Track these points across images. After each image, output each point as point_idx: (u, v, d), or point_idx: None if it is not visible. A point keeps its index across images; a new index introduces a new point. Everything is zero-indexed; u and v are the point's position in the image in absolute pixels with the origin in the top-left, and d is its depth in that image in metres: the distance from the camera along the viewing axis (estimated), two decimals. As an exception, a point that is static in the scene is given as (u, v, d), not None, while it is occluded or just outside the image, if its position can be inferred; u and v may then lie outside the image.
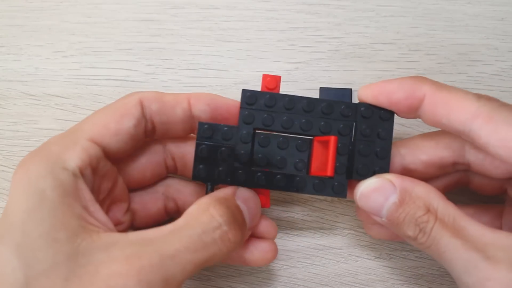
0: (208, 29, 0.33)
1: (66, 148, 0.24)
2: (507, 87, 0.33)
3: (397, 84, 0.25)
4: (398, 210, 0.25)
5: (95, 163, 0.24)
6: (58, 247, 0.21)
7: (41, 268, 0.21)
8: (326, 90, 0.31)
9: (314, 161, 0.27)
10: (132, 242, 0.22)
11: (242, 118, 0.26)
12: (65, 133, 0.25)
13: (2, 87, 0.33)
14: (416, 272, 0.32)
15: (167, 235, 0.23)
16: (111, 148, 0.25)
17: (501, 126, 0.23)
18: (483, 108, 0.23)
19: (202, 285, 0.32)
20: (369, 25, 0.33)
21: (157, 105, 0.26)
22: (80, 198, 0.23)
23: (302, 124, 0.27)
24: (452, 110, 0.24)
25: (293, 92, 0.32)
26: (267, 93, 0.26)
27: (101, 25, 0.33)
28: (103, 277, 0.21)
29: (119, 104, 0.26)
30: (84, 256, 0.21)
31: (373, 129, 0.27)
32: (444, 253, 0.23)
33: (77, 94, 0.33)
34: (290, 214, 0.32)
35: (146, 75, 0.33)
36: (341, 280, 0.32)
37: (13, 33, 0.33)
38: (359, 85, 0.32)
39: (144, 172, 0.28)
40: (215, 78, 0.33)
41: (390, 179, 0.25)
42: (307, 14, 0.33)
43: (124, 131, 0.25)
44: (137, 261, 0.21)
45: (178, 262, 0.22)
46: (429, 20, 0.33)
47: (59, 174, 0.23)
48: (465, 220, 0.23)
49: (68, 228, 0.22)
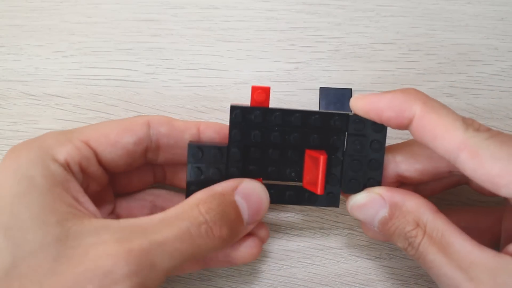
0: (208, 29, 0.33)
1: (59, 143, 0.24)
2: (507, 87, 0.33)
3: (387, 102, 0.25)
4: (388, 223, 0.25)
5: (85, 163, 0.25)
6: (48, 229, 0.22)
7: (29, 249, 0.21)
8: (326, 90, 0.31)
9: (306, 173, 0.27)
10: (122, 227, 0.23)
11: (232, 136, 0.26)
12: (63, 131, 0.26)
13: (2, 87, 0.33)
14: (416, 272, 0.32)
15: (157, 223, 0.23)
16: (105, 157, 0.26)
17: (487, 162, 0.22)
18: (469, 141, 0.23)
19: (202, 285, 0.32)
20: (369, 25, 0.33)
21: (166, 128, 0.27)
22: (69, 189, 0.24)
23: (294, 138, 0.26)
24: (437, 137, 0.23)
25: (293, 92, 0.33)
26: (257, 108, 0.26)
27: (101, 25, 0.33)
28: (92, 258, 0.21)
29: (126, 120, 0.27)
30: (74, 239, 0.22)
31: (366, 141, 0.26)
32: (431, 268, 0.24)
33: (77, 94, 0.33)
34: (290, 214, 0.32)
35: (146, 75, 0.33)
36: (341, 280, 0.32)
37: (13, 33, 0.33)
38: (359, 85, 0.32)
39: (130, 177, 0.28)
40: (215, 78, 0.33)
41: (380, 193, 0.26)
42: (307, 14, 0.33)
43: (122, 145, 0.26)
44: (127, 244, 0.22)
45: (166, 249, 0.22)
46: (429, 20, 0.33)
47: (49, 164, 0.23)
48: (453, 236, 0.23)
49: (58, 213, 0.22)
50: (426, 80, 0.33)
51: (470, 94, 0.33)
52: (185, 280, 0.32)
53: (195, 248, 0.23)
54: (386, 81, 0.33)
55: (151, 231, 0.23)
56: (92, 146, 0.25)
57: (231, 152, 0.26)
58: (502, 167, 0.22)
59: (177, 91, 0.33)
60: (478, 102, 0.33)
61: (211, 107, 0.32)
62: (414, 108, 0.24)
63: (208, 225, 0.24)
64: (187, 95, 0.33)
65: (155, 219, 0.23)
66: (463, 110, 0.32)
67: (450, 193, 0.31)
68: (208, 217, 0.24)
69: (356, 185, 0.27)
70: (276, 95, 0.32)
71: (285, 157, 0.27)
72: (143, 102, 0.32)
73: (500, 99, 0.33)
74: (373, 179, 0.27)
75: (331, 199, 0.27)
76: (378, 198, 0.26)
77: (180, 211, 0.24)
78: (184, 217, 0.23)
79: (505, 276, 0.22)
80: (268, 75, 0.33)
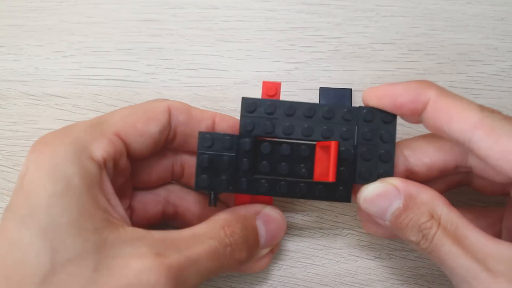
0: (208, 29, 0.33)
1: (94, 138, 0.23)
2: (507, 87, 0.33)
3: (403, 87, 0.25)
4: (402, 215, 0.25)
5: (118, 157, 0.24)
6: (87, 236, 0.21)
7: (69, 256, 0.21)
8: (326, 90, 0.31)
9: (317, 166, 0.27)
10: (157, 240, 0.23)
11: (242, 126, 0.26)
12: (92, 121, 0.25)
13: (2, 87, 0.33)
14: (416, 272, 0.32)
15: (188, 239, 0.23)
16: (133, 147, 0.25)
17: (502, 138, 0.22)
18: (485, 120, 0.23)
19: (202, 285, 0.32)
20: (369, 25, 0.33)
21: (184, 116, 0.27)
22: (104, 191, 0.23)
23: (303, 130, 0.26)
24: (454, 118, 0.24)
25: (293, 92, 0.33)
26: (267, 100, 0.26)
27: (101, 25, 0.33)
28: (133, 271, 0.21)
29: (148, 107, 0.26)
30: (112, 249, 0.21)
31: (376, 132, 0.26)
32: (445, 260, 0.23)
33: (77, 94, 0.33)
34: (290, 214, 0.32)
35: (146, 75, 0.33)
36: (341, 280, 0.32)
37: (13, 33, 0.33)
38: (359, 85, 0.32)
39: (150, 173, 0.28)
40: (215, 78, 0.33)
41: (395, 184, 0.25)
42: (307, 14, 0.33)
43: (149, 134, 0.25)
44: (166, 260, 0.22)
45: (198, 266, 0.23)
46: (429, 20, 0.33)
47: (87, 163, 0.22)
48: (467, 229, 0.23)
49: (95, 219, 0.22)
50: (426, 80, 0.33)
51: (470, 94, 0.33)
52: (185, 280, 0.32)
53: (219, 267, 0.24)
54: (386, 81, 0.33)
55: (184, 247, 0.23)
56: (123, 138, 0.25)
57: (241, 142, 0.26)
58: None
59: (177, 91, 0.33)
60: (478, 102, 0.32)
61: (211, 107, 0.32)
62: (429, 93, 0.24)
63: (232, 248, 0.24)
64: (187, 95, 0.33)
65: (185, 234, 0.24)
66: (463, 110, 0.32)
67: (450, 193, 0.31)
68: (232, 240, 0.25)
69: (367, 177, 0.26)
70: (276, 95, 0.32)
71: (296, 153, 0.27)
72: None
73: (500, 99, 0.33)
74: (384, 171, 0.26)
75: (343, 193, 0.27)
76: (393, 189, 0.25)
77: (208, 229, 0.24)
78: (213, 236, 0.24)
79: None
80: (268, 75, 0.33)
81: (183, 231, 0.24)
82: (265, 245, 0.27)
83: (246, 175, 0.27)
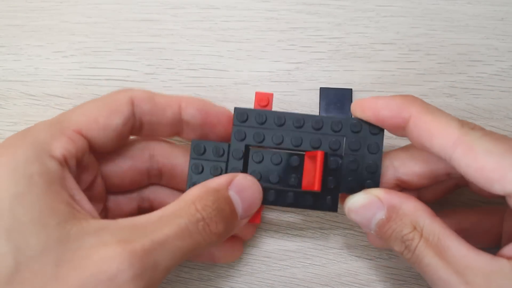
0: (208, 29, 0.33)
1: (53, 137, 0.24)
2: (507, 87, 0.33)
3: (384, 102, 0.25)
4: (385, 226, 0.25)
5: (80, 155, 0.24)
6: (49, 232, 0.21)
7: (31, 253, 0.21)
8: (326, 90, 0.31)
9: (305, 176, 0.27)
10: (122, 227, 0.22)
11: (234, 134, 0.27)
12: (51, 120, 0.25)
13: (2, 87, 0.33)
14: (416, 272, 0.32)
15: (156, 222, 0.23)
16: (97, 142, 0.25)
17: (480, 156, 0.22)
18: (464, 137, 0.23)
19: (202, 285, 0.32)
20: (369, 25, 0.33)
21: (148, 106, 0.26)
22: (66, 187, 0.23)
23: (293, 140, 0.27)
24: (434, 135, 0.24)
25: (294, 92, 0.33)
26: (259, 110, 0.27)
27: (101, 25, 0.33)
28: (95, 261, 0.21)
29: (109, 99, 0.26)
30: (75, 241, 0.21)
31: (363, 143, 0.27)
32: (427, 272, 0.24)
33: (77, 94, 0.33)
34: (290, 214, 0.32)
35: (146, 75, 0.33)
36: (341, 280, 0.32)
37: (13, 33, 0.33)
38: (360, 85, 0.32)
39: (123, 178, 0.28)
40: (215, 78, 0.33)
41: (378, 195, 0.26)
42: (307, 14, 0.33)
43: (112, 127, 0.25)
44: (129, 245, 0.21)
45: (168, 248, 0.22)
46: (429, 20, 0.33)
47: (47, 161, 0.23)
48: (450, 240, 0.23)
49: (58, 214, 0.22)
50: (426, 80, 0.33)
51: (470, 94, 0.33)
52: (185, 280, 0.32)
53: (194, 244, 0.23)
54: (386, 81, 0.33)
55: (151, 230, 0.22)
56: (84, 135, 0.25)
57: (233, 150, 0.27)
58: (495, 161, 0.22)
59: (177, 91, 0.33)
60: (478, 102, 0.33)
61: (211, 107, 0.32)
62: (411, 109, 0.25)
63: (205, 222, 0.24)
64: (187, 95, 0.33)
65: (153, 217, 0.23)
66: (463, 110, 0.32)
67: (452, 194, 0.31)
68: (204, 214, 0.24)
69: (354, 187, 0.27)
70: (276, 95, 0.32)
71: (286, 162, 0.27)
72: (143, 102, 0.32)
73: (500, 99, 0.33)
74: (371, 181, 0.27)
75: (330, 203, 0.27)
76: (376, 200, 0.25)
77: (177, 208, 0.24)
78: (182, 214, 0.23)
79: (499, 279, 0.22)
80: (268, 75, 0.33)
81: (152, 214, 0.23)
82: (244, 214, 0.26)
83: None
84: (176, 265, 0.23)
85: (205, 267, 0.32)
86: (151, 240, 0.22)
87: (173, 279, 0.32)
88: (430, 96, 0.32)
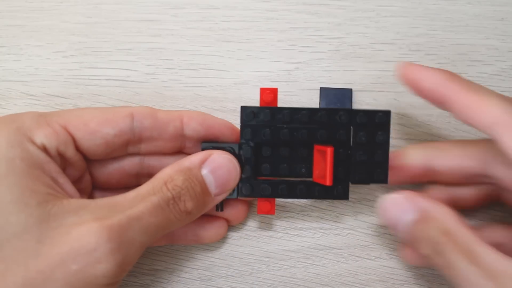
0: (208, 29, 0.33)
1: (38, 125, 0.25)
2: (507, 87, 0.33)
3: (429, 74, 0.25)
4: (415, 228, 0.25)
5: (62, 148, 0.25)
6: (30, 212, 0.22)
7: (13, 231, 0.22)
8: (326, 90, 0.31)
9: (315, 168, 0.28)
10: (100, 206, 0.23)
11: (243, 134, 0.27)
12: (44, 112, 0.26)
13: (2, 87, 0.33)
14: (416, 272, 0.32)
15: (132, 200, 0.24)
16: (83, 144, 0.26)
17: None
18: (506, 115, 0.23)
19: (202, 285, 0.32)
20: (369, 25, 0.33)
21: (149, 121, 0.27)
22: (48, 170, 0.24)
23: (302, 134, 0.27)
24: (475, 113, 0.24)
25: (294, 92, 0.33)
26: (265, 107, 0.27)
27: (101, 25, 0.33)
28: (74, 237, 0.22)
29: (109, 110, 0.27)
30: (56, 220, 0.22)
31: (371, 134, 0.27)
32: (459, 278, 0.23)
33: (77, 94, 0.33)
34: (290, 214, 0.32)
35: (146, 75, 0.33)
36: (341, 280, 0.32)
37: (13, 33, 0.33)
38: (360, 85, 0.33)
39: (110, 179, 0.29)
40: (215, 78, 0.33)
41: (410, 197, 0.26)
42: (307, 14, 0.33)
43: (101, 135, 0.26)
44: (106, 221, 0.22)
45: (142, 224, 0.23)
46: (429, 20, 0.33)
47: (28, 146, 0.24)
48: (481, 247, 0.23)
49: (38, 194, 0.23)
50: (426, 80, 0.33)
51: (470, 94, 0.33)
52: (185, 280, 0.32)
53: (167, 222, 0.24)
54: (386, 81, 0.33)
55: (128, 207, 0.23)
56: (70, 132, 0.26)
57: (243, 150, 0.28)
58: None
59: (177, 91, 0.33)
60: (478, 102, 0.32)
61: (211, 107, 0.32)
62: (452, 85, 0.25)
63: (175, 201, 0.25)
64: (187, 95, 0.33)
65: (129, 196, 0.24)
66: (463, 110, 0.32)
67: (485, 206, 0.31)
68: (174, 193, 0.25)
69: (363, 176, 0.28)
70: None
71: (295, 154, 0.28)
72: (143, 103, 0.32)
73: (500, 99, 0.33)
74: (380, 170, 0.27)
75: (341, 191, 0.28)
76: (408, 202, 0.26)
77: (151, 187, 0.25)
78: (155, 192, 0.24)
79: None
80: (268, 75, 0.33)
81: (128, 193, 0.24)
82: (218, 192, 0.27)
83: (249, 180, 0.28)
84: (150, 241, 0.24)
85: (205, 267, 0.32)
86: (127, 216, 0.23)
87: (173, 279, 0.32)
88: (430, 96, 0.32)
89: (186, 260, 0.32)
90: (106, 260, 0.22)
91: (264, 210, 0.29)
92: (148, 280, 0.32)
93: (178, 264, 0.32)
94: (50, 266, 0.21)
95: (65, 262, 0.21)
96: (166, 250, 0.32)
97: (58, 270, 0.21)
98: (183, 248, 0.32)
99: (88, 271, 0.22)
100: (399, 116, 0.32)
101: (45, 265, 0.21)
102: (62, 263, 0.21)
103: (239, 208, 0.30)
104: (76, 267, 0.21)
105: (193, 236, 0.30)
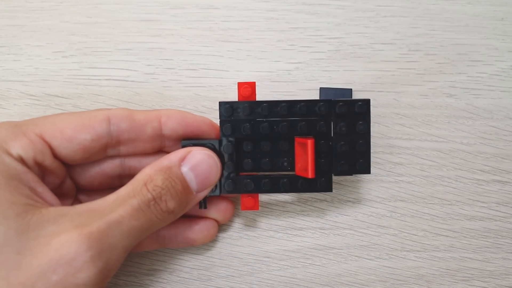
0: (208, 29, 0.33)
1: (14, 136, 0.25)
2: (507, 87, 0.33)
3: None
4: None
5: (39, 157, 0.25)
6: (9, 223, 0.22)
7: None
8: (326, 90, 0.31)
9: (298, 161, 0.28)
10: (80, 213, 0.23)
11: (223, 130, 0.27)
12: (18, 122, 0.26)
13: (2, 87, 0.33)
14: (416, 272, 0.32)
15: (111, 204, 0.24)
16: (61, 151, 0.26)
17: None
18: None
19: (202, 285, 0.32)
20: (369, 25, 0.33)
21: (126, 124, 0.27)
22: (26, 181, 0.24)
23: (282, 128, 0.27)
24: None
25: (293, 92, 0.33)
26: (244, 102, 0.27)
27: (101, 25, 0.33)
28: (53, 247, 0.22)
29: (85, 115, 0.27)
30: (35, 230, 0.22)
31: (351, 123, 0.27)
32: None
33: (77, 94, 0.33)
34: (290, 214, 0.32)
35: (146, 75, 0.33)
36: (341, 280, 0.32)
37: (13, 33, 0.33)
38: (359, 85, 0.32)
39: (92, 181, 0.29)
40: (215, 78, 0.33)
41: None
42: (307, 14, 0.33)
43: (78, 141, 0.26)
44: (86, 229, 0.22)
45: (123, 228, 0.23)
46: (429, 20, 0.33)
47: (4, 158, 0.24)
48: None
49: (17, 206, 0.23)
50: (426, 80, 0.33)
51: (470, 94, 0.33)
52: (185, 280, 0.32)
53: (149, 223, 0.24)
54: (386, 81, 0.33)
55: (108, 211, 0.23)
56: (46, 140, 0.25)
57: (223, 146, 0.27)
58: None
59: (177, 91, 0.33)
60: (478, 102, 0.33)
61: (211, 107, 0.32)
62: None
63: (156, 201, 0.24)
64: (187, 95, 0.33)
65: (109, 200, 0.24)
66: (463, 110, 0.32)
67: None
68: (155, 193, 0.24)
69: (346, 167, 0.27)
70: (277, 95, 0.32)
71: (276, 148, 0.28)
72: (143, 103, 0.32)
73: (500, 99, 0.33)
74: (362, 160, 0.27)
75: (324, 184, 0.28)
76: None
77: (130, 189, 0.25)
78: (135, 194, 0.24)
79: None
80: (268, 75, 0.33)
81: (108, 197, 0.24)
82: (200, 189, 0.27)
83: (231, 176, 0.28)
84: (133, 244, 0.24)
85: (205, 267, 0.32)
86: (106, 222, 0.23)
87: (173, 279, 0.32)
88: (430, 96, 0.32)
89: (186, 260, 0.32)
90: (87, 268, 0.22)
91: (248, 206, 0.28)
92: (148, 280, 0.32)
93: (178, 264, 0.32)
94: (31, 278, 0.21)
95: (45, 274, 0.21)
96: (165, 250, 0.32)
97: (39, 282, 0.21)
98: (183, 248, 0.32)
99: (69, 281, 0.22)
100: (399, 116, 0.32)
101: (26, 277, 0.21)
102: (43, 275, 0.21)
103: (224, 206, 0.30)
104: (56, 278, 0.21)
105: (183, 239, 0.30)
